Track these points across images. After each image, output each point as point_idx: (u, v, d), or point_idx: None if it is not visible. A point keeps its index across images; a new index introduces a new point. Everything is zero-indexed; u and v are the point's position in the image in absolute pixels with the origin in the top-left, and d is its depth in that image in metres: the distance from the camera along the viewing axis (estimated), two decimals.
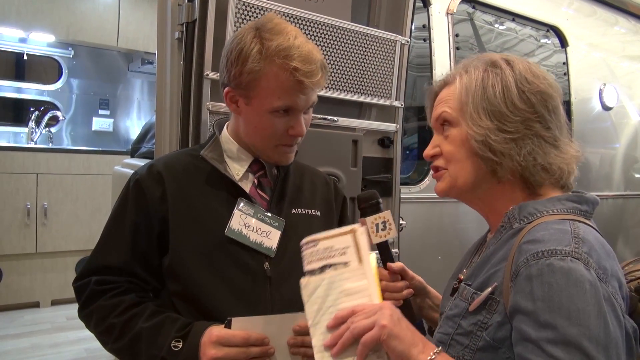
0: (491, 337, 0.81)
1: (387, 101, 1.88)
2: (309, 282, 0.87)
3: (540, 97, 0.89)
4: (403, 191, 2.00)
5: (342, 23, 1.71)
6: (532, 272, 0.75)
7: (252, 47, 1.07)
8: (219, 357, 0.95)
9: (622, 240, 3.37)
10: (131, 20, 4.38)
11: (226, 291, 1.08)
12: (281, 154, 1.17)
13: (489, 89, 0.90)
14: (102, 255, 1.12)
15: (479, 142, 0.89)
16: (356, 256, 0.87)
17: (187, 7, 1.48)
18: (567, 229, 0.80)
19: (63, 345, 3.07)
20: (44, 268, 3.72)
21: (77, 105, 4.62)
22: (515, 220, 0.88)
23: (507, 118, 0.89)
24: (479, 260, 0.93)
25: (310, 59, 1.07)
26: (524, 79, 0.90)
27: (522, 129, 0.88)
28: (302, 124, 1.13)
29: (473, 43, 2.77)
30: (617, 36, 3.50)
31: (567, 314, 0.71)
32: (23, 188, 3.62)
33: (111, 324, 1.04)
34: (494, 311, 0.82)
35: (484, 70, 0.92)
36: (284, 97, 1.08)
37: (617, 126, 3.40)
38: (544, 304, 0.72)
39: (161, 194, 1.11)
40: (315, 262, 0.88)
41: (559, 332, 0.70)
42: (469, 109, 0.91)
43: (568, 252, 0.75)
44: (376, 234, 1.05)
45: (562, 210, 0.86)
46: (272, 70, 1.06)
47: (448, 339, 0.88)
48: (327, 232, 0.90)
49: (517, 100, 0.89)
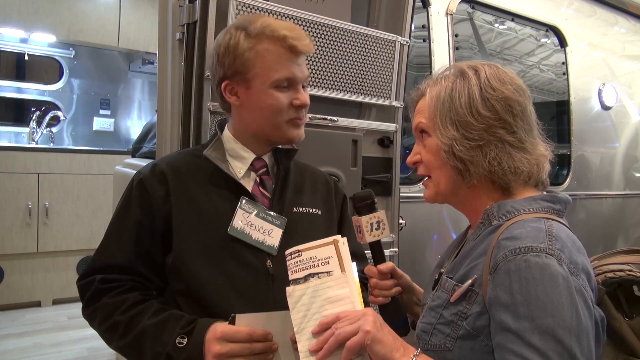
0: (471, 326, 0.86)
1: (386, 101, 1.89)
2: (294, 290, 0.91)
3: (505, 104, 0.93)
4: (403, 191, 2.01)
5: (342, 24, 1.72)
6: (511, 267, 0.80)
7: (238, 35, 1.12)
8: (224, 352, 0.96)
9: (621, 239, 3.37)
10: (132, 20, 4.39)
11: (229, 289, 1.09)
12: (292, 130, 1.18)
13: (456, 99, 0.95)
14: (106, 254, 1.13)
15: (446, 152, 0.95)
16: (339, 265, 0.91)
17: (188, 8, 1.49)
18: (542, 227, 0.85)
19: (64, 344, 3.08)
20: (45, 267, 3.74)
21: (78, 105, 4.63)
22: (494, 217, 0.94)
23: (472, 126, 0.94)
24: (460, 254, 0.99)
25: (295, 27, 1.14)
26: (488, 86, 0.94)
27: (486, 135, 0.93)
28: (304, 94, 1.16)
29: (473, 43, 2.78)
30: (617, 36, 3.51)
31: (543, 306, 0.77)
32: (24, 188, 3.63)
33: (116, 321, 1.05)
34: (473, 302, 0.87)
35: (453, 81, 0.97)
36: (281, 68, 1.12)
37: (617, 126, 3.41)
38: (521, 297, 0.78)
39: (164, 194, 1.12)
40: (300, 271, 0.93)
41: (535, 323, 0.76)
42: (437, 119, 0.97)
43: (542, 249, 0.81)
44: (370, 233, 1.08)
45: (537, 209, 0.92)
46: (263, 45, 1.11)
47: (431, 328, 0.93)
48: (310, 243, 0.94)
49: (482, 109, 0.93)
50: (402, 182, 1.97)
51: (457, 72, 0.98)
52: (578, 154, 3.09)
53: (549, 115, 3.23)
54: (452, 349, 0.88)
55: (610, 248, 3.55)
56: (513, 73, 0.99)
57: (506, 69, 0.98)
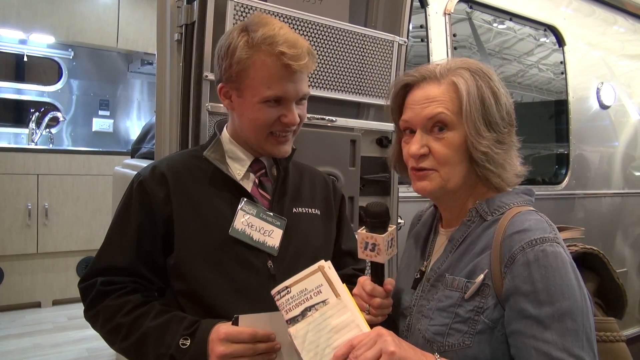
0: (489, 318, 0.88)
1: (385, 101, 1.89)
2: (297, 330, 0.89)
3: (512, 108, 0.98)
4: (401, 190, 2.01)
5: (339, 24, 1.72)
6: (530, 258, 0.85)
7: (239, 39, 1.10)
8: (228, 353, 0.96)
9: (621, 238, 3.38)
10: (131, 21, 4.40)
11: (231, 289, 1.09)
12: (274, 145, 1.16)
13: (486, 98, 0.93)
14: (108, 256, 1.13)
15: (480, 152, 0.92)
16: (332, 292, 0.89)
17: (186, 8, 1.49)
18: (540, 218, 0.92)
19: (64, 345, 3.08)
20: (45, 268, 3.74)
21: (77, 106, 4.63)
22: (486, 214, 0.97)
23: (501, 129, 0.95)
24: (455, 253, 0.98)
25: (296, 44, 1.08)
26: (502, 91, 0.97)
27: (509, 140, 0.96)
28: (294, 113, 1.13)
29: (471, 43, 2.78)
30: (615, 35, 3.51)
31: (560, 290, 0.83)
32: (24, 189, 3.64)
33: (118, 323, 1.05)
34: (487, 295, 0.89)
35: (471, 77, 0.95)
36: (274, 85, 1.09)
37: (616, 125, 3.41)
38: (542, 285, 0.83)
39: (165, 195, 1.12)
40: (294, 308, 0.90)
41: (555, 307, 0.82)
42: (473, 117, 0.92)
43: (552, 239, 0.87)
44: (386, 251, 0.99)
45: (522, 202, 0.97)
46: (260, 58, 1.08)
47: (446, 329, 0.91)
48: (296, 276, 0.92)
49: (505, 112, 0.96)
50: (401, 182, 1.97)
51: (475, 69, 0.96)
52: (577, 153, 3.09)
53: (547, 114, 3.23)
54: (472, 345, 0.89)
55: (609, 247, 3.54)
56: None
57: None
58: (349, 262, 1.34)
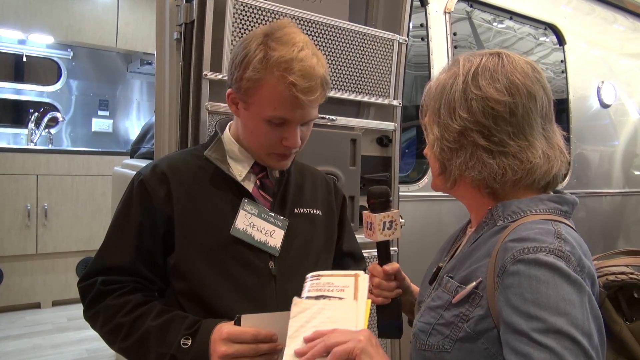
0: (471, 329, 0.83)
1: (385, 100, 1.89)
2: (302, 302, 0.91)
3: (485, 105, 0.86)
4: (402, 190, 2.01)
5: (339, 23, 1.71)
6: (520, 268, 0.77)
7: (256, 54, 1.06)
8: (230, 353, 0.95)
9: (622, 237, 3.38)
10: (130, 21, 4.39)
11: (232, 290, 1.09)
12: (274, 161, 1.17)
13: (445, 95, 0.91)
14: (108, 255, 1.12)
15: (431, 150, 0.95)
16: (353, 294, 0.91)
17: (185, 7, 1.48)
18: (550, 228, 0.82)
19: (64, 345, 3.08)
20: (44, 269, 3.73)
21: (77, 106, 4.62)
22: (499, 218, 0.89)
23: (450, 127, 0.90)
24: (460, 253, 0.96)
25: (311, 75, 1.05)
26: (473, 84, 0.88)
27: (460, 138, 0.89)
28: (296, 137, 1.11)
29: (471, 42, 2.78)
30: (615, 34, 3.51)
31: (555, 305, 0.73)
32: (23, 189, 3.63)
33: (119, 323, 1.05)
34: (476, 305, 0.84)
35: (448, 74, 0.92)
36: (280, 108, 1.07)
37: (616, 123, 3.41)
38: (532, 296, 0.74)
39: (166, 194, 1.11)
40: (314, 291, 0.93)
41: (547, 322, 0.72)
42: (429, 115, 0.96)
43: (552, 250, 0.77)
44: (382, 232, 1.05)
45: (544, 210, 0.87)
46: (271, 81, 1.05)
47: (429, 328, 0.90)
48: (333, 271, 0.97)
49: (460, 109, 0.88)
50: (401, 181, 1.97)
51: (455, 60, 0.94)
52: (577, 152, 3.09)
53: None
54: (451, 350, 0.85)
55: (610, 246, 3.56)
56: (527, 67, 0.89)
57: (520, 61, 0.90)
58: (350, 263, 1.33)
